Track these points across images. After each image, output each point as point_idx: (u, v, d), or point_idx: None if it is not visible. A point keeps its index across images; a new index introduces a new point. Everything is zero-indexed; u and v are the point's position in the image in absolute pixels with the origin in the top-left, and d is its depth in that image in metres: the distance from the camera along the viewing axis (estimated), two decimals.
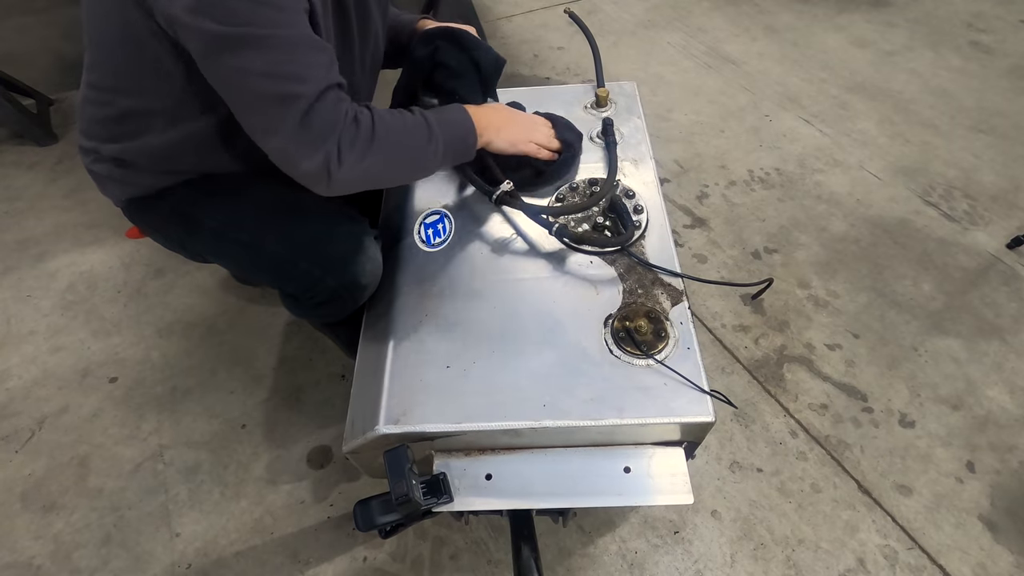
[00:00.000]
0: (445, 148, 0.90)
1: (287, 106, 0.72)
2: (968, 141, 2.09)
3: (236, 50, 0.69)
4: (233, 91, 0.74)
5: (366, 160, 0.80)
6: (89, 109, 0.92)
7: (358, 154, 0.79)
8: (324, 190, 0.81)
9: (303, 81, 0.72)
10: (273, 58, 0.70)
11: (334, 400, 1.41)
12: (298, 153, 0.76)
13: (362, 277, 1.00)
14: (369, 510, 0.81)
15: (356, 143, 0.78)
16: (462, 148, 0.95)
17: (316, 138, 0.75)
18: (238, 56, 0.69)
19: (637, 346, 0.88)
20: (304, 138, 0.74)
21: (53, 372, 1.48)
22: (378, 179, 0.86)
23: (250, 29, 0.68)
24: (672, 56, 2.53)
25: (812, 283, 1.65)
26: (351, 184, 0.82)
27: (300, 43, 0.72)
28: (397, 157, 0.85)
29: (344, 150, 0.77)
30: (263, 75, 0.71)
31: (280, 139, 0.75)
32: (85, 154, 0.98)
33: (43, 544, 1.21)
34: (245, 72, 0.70)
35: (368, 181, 0.84)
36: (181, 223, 1.02)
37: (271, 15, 0.69)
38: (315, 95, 0.73)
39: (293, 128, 0.73)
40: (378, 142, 0.81)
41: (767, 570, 1.15)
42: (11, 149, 2.11)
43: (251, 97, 0.73)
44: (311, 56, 0.74)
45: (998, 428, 1.35)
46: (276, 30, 0.70)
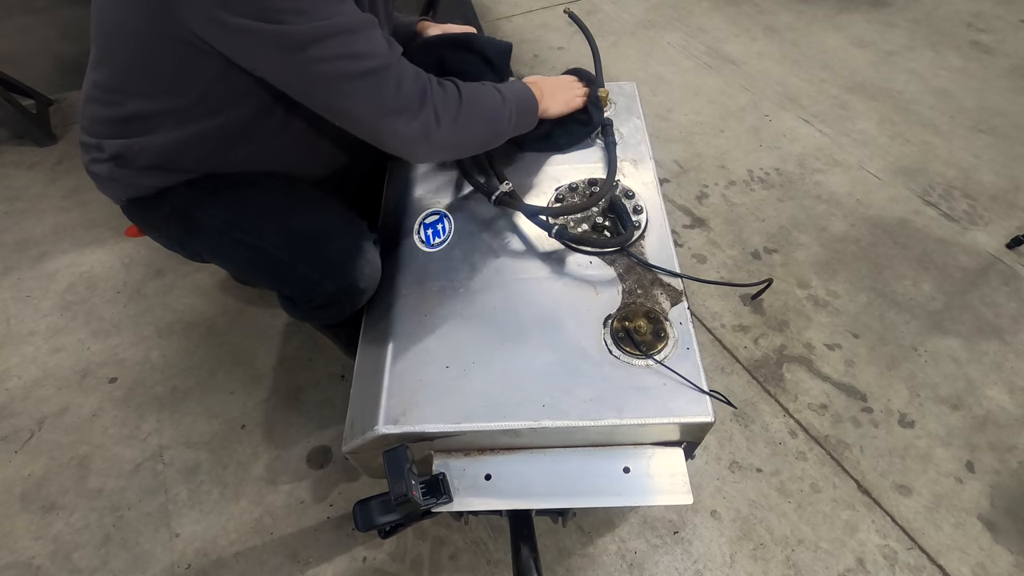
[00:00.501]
0: (517, 115, 0.96)
1: (377, 78, 0.77)
2: (968, 141, 2.09)
3: (311, 44, 0.72)
4: (320, 83, 0.77)
5: (458, 123, 0.85)
6: (93, 107, 0.92)
7: (451, 116, 0.83)
8: (421, 155, 0.87)
9: (379, 56, 0.77)
10: (346, 41, 0.74)
11: (334, 400, 1.41)
12: (399, 120, 0.80)
13: (360, 281, 1.00)
14: (369, 510, 0.81)
15: (449, 106, 0.83)
16: (528, 115, 1.01)
17: (413, 102, 0.80)
18: (316, 49, 0.72)
19: (636, 346, 0.88)
20: (402, 103, 0.79)
21: (53, 372, 1.49)
22: (467, 144, 0.92)
23: (319, 23, 0.71)
24: (672, 56, 2.53)
25: (812, 283, 1.65)
26: (445, 148, 0.88)
27: (363, 24, 0.76)
28: (483, 121, 0.91)
29: (441, 113, 0.82)
30: (345, 58, 0.74)
31: (377, 111, 0.79)
32: (86, 151, 0.97)
33: (43, 544, 1.21)
34: (325, 61, 0.73)
35: (459, 146, 0.91)
36: (181, 223, 1.02)
37: (332, 5, 0.72)
38: (395, 63, 0.78)
39: (390, 96, 0.77)
40: (467, 106, 0.86)
41: (767, 570, 1.15)
42: (11, 149, 2.11)
43: (340, 82, 0.76)
44: (376, 33, 0.78)
45: (998, 428, 1.35)
46: (340, 18, 0.73)
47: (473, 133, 0.91)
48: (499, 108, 0.93)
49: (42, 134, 2.11)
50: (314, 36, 0.72)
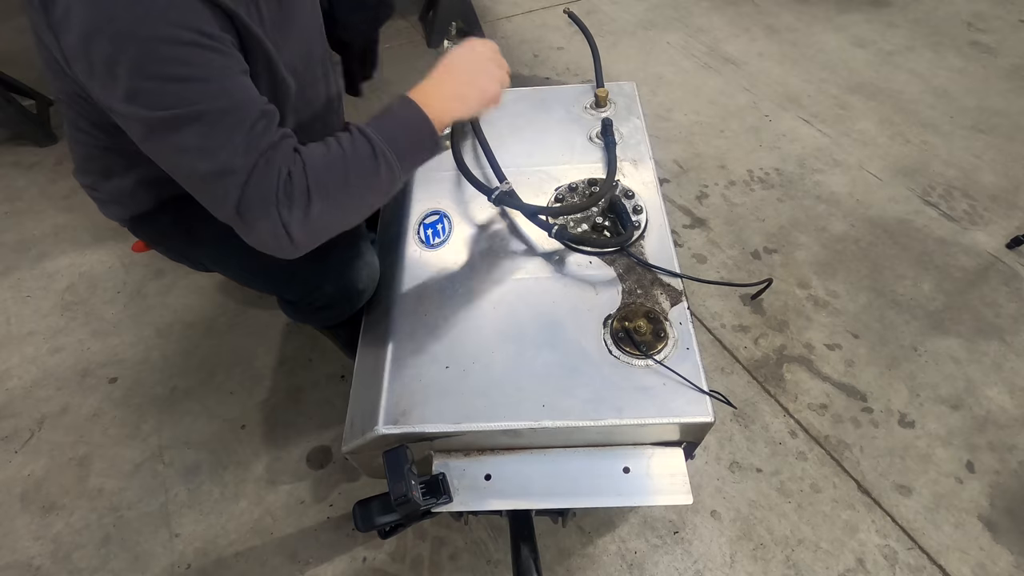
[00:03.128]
0: (401, 157, 0.79)
1: (223, 182, 0.70)
2: (968, 141, 2.09)
3: (170, 132, 0.68)
4: (175, 170, 0.73)
5: (312, 211, 0.73)
6: (77, 148, 0.94)
7: (300, 211, 0.72)
8: (290, 254, 0.76)
9: (237, 154, 0.69)
10: (204, 133, 0.68)
11: (334, 400, 1.41)
12: (246, 227, 0.73)
13: (359, 282, 1.00)
14: (368, 510, 0.81)
15: (294, 202, 0.72)
16: (423, 146, 0.83)
17: (257, 212, 0.71)
18: (173, 136, 0.68)
19: (636, 346, 0.88)
20: (247, 214, 0.72)
21: (53, 372, 1.49)
22: (341, 221, 0.78)
23: (179, 110, 0.66)
24: (672, 56, 2.53)
25: (812, 283, 1.65)
26: (314, 239, 0.76)
27: (231, 111, 0.69)
28: (347, 193, 0.76)
29: (284, 215, 0.72)
30: (198, 152, 0.69)
31: (226, 214, 0.73)
32: (83, 186, 1.00)
33: (43, 544, 1.21)
34: (182, 151, 0.69)
35: (330, 228, 0.78)
36: (182, 235, 1.03)
37: (198, 90, 0.67)
38: (250, 167, 0.70)
39: (234, 204, 0.71)
40: (316, 189, 0.73)
41: (767, 570, 1.15)
42: (11, 150, 2.11)
43: (191, 176, 0.72)
44: (244, 122, 0.70)
45: (998, 428, 1.35)
46: (204, 104, 0.67)
47: (341, 208, 0.77)
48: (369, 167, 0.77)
49: (42, 134, 2.12)
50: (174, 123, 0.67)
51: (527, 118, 1.28)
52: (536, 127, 1.26)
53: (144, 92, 0.66)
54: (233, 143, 0.69)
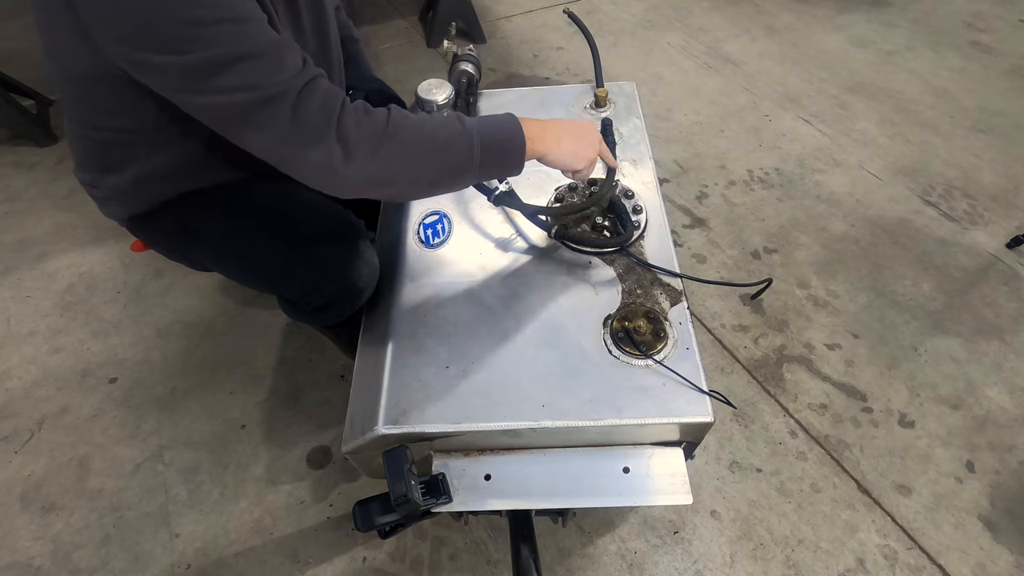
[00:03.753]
0: (483, 150, 0.78)
1: (273, 106, 0.69)
2: (968, 141, 2.09)
3: (210, 75, 0.67)
4: (219, 113, 0.71)
5: (378, 156, 0.71)
6: (77, 145, 0.94)
7: (369, 148, 0.71)
8: (338, 189, 0.74)
9: (280, 82, 0.69)
10: (246, 68, 0.67)
11: (334, 400, 1.41)
12: (297, 150, 0.71)
13: (359, 281, 1.00)
14: (368, 510, 0.81)
15: (364, 136, 0.71)
16: (505, 153, 0.82)
17: (312, 130, 0.70)
18: (214, 79, 0.67)
19: (636, 346, 0.88)
20: (299, 132, 0.70)
21: (53, 372, 1.49)
22: (402, 179, 0.76)
23: (218, 50, 0.66)
24: (672, 56, 2.53)
25: (812, 283, 1.65)
26: (363, 183, 0.74)
27: (269, 48, 0.69)
28: (422, 154, 0.74)
29: (353, 144, 0.70)
30: (241, 88, 0.68)
31: (275, 141, 0.71)
32: (82, 184, 1.00)
33: (43, 544, 1.21)
34: (222, 91, 0.68)
35: (388, 181, 0.75)
36: (181, 235, 1.03)
37: (233, 30, 0.66)
38: (298, 88, 0.69)
39: (285, 124, 0.69)
40: (395, 136, 0.72)
41: (767, 570, 1.15)
42: (11, 149, 2.11)
43: (237, 113, 0.70)
44: (284, 57, 0.70)
45: (998, 428, 1.35)
46: (242, 44, 0.67)
47: (406, 166, 0.75)
48: (451, 140, 0.77)
49: (42, 134, 2.12)
50: (214, 64, 0.66)
51: None
52: None
53: (178, 39, 0.65)
54: (275, 75, 0.68)
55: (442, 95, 1.16)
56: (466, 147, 0.78)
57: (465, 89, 1.23)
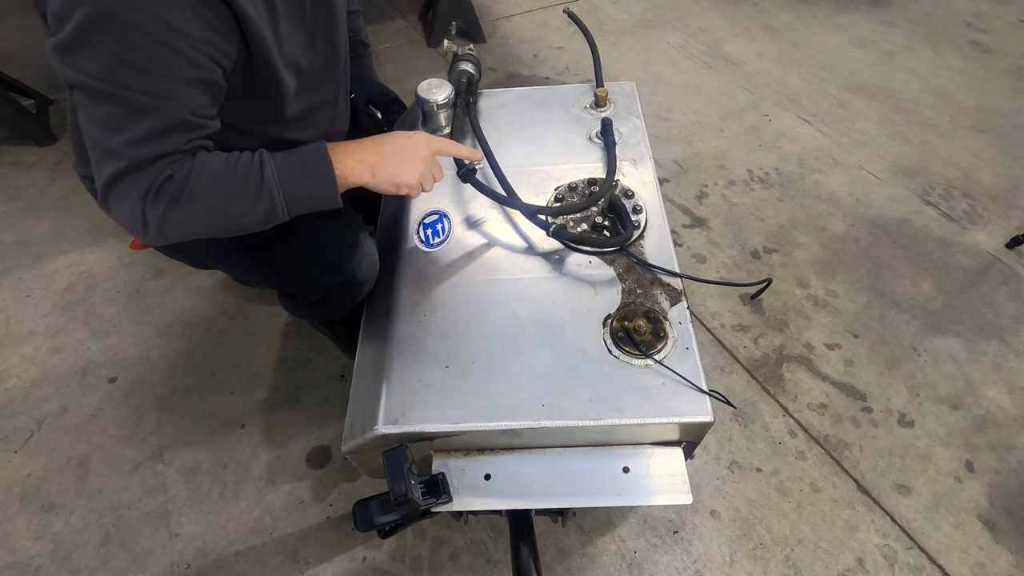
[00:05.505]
0: (290, 198, 0.81)
1: (108, 159, 0.72)
2: (968, 141, 2.09)
3: (88, 99, 0.70)
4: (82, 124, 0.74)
5: (173, 217, 0.75)
6: (77, 136, 0.93)
7: (161, 212, 0.75)
8: (146, 241, 0.79)
9: (134, 145, 0.71)
10: (115, 114, 0.70)
11: (333, 400, 1.41)
12: (107, 204, 0.76)
13: (359, 273, 1.01)
14: (368, 510, 0.81)
15: (160, 201, 0.74)
16: (319, 196, 0.84)
17: (122, 198, 0.74)
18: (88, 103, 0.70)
19: (636, 346, 0.88)
20: (113, 194, 0.74)
21: (52, 372, 1.48)
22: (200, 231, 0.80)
23: (104, 86, 0.68)
24: (672, 56, 2.53)
25: (811, 283, 1.65)
26: (167, 237, 0.78)
27: (150, 109, 0.71)
28: (218, 211, 0.78)
29: (148, 209, 0.74)
30: (100, 123, 0.71)
31: (97, 184, 0.75)
32: (82, 178, 1.00)
33: (42, 544, 1.21)
34: (89, 116, 0.72)
35: (187, 234, 0.79)
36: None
37: (131, 77, 0.69)
38: (138, 160, 0.72)
39: (105, 181, 0.73)
40: (187, 197, 0.75)
41: (766, 570, 1.15)
42: (10, 149, 2.11)
43: (87, 136, 0.73)
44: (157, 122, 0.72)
45: (997, 428, 1.35)
46: (129, 92, 0.69)
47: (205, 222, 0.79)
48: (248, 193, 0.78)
49: (42, 134, 2.11)
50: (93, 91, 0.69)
51: (527, 118, 1.28)
52: (536, 127, 1.26)
53: (79, 52, 0.67)
54: (133, 134, 0.71)
55: (442, 95, 1.16)
56: (268, 201, 0.80)
57: (465, 89, 1.23)
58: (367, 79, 1.23)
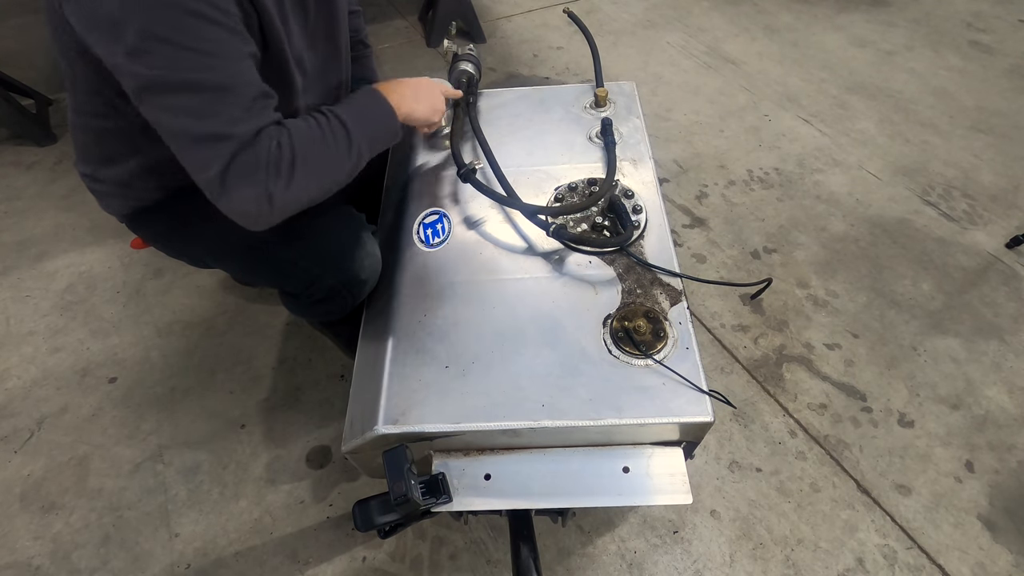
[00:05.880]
0: (371, 142, 0.89)
1: (215, 145, 0.73)
2: (968, 141, 2.09)
3: (167, 93, 0.70)
4: (166, 127, 0.74)
5: (294, 185, 0.78)
6: (79, 134, 0.94)
7: (284, 182, 0.77)
8: (264, 223, 0.80)
9: (233, 123, 0.72)
10: (203, 99, 0.71)
11: (333, 400, 1.41)
12: (227, 193, 0.75)
13: (361, 272, 1.01)
14: (368, 510, 0.81)
15: (280, 171, 0.76)
16: (386, 133, 0.93)
17: (244, 179, 0.74)
18: (170, 97, 0.71)
19: (636, 346, 0.88)
20: (231, 180, 0.74)
21: (52, 372, 1.48)
22: (314, 194, 0.83)
23: (181, 75, 0.69)
24: (672, 56, 2.53)
25: (811, 283, 1.65)
26: (290, 208, 0.80)
27: (230, 87, 0.72)
28: (324, 171, 0.82)
29: (271, 183, 0.76)
30: (194, 114, 0.71)
31: (209, 177, 0.75)
32: (83, 177, 1.01)
33: (42, 544, 1.21)
34: (176, 111, 0.71)
35: (305, 199, 0.82)
36: (181, 232, 1.03)
37: (202, 61, 0.70)
38: (245, 137, 0.73)
39: (220, 169, 0.73)
40: (300, 164, 0.78)
41: (766, 570, 1.15)
42: (10, 149, 2.11)
43: (181, 136, 0.74)
44: (242, 97, 0.73)
45: (997, 428, 1.35)
46: (205, 75, 0.70)
47: (318, 185, 0.82)
48: (343, 148, 0.84)
49: (42, 134, 2.11)
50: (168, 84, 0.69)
51: (527, 118, 1.29)
52: (536, 127, 1.26)
53: (148, 52, 0.68)
54: (230, 113, 0.72)
55: None
56: (357, 150, 0.86)
57: (465, 89, 1.23)
58: (368, 78, 1.24)
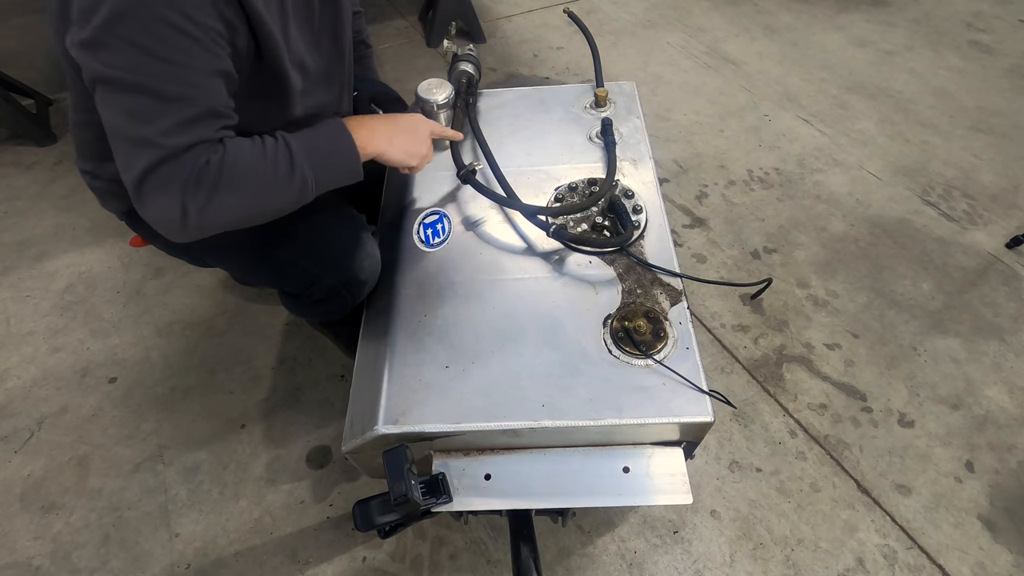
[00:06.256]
0: (318, 174, 0.83)
1: (142, 151, 0.71)
2: (968, 141, 2.09)
3: (117, 91, 0.69)
4: (104, 121, 0.73)
5: (214, 204, 0.75)
6: (79, 132, 0.94)
7: (204, 199, 0.74)
8: (177, 237, 0.77)
9: (166, 134, 0.71)
10: (143, 104, 0.70)
11: (333, 400, 1.41)
12: (143, 199, 0.74)
13: (361, 273, 1.01)
14: (368, 510, 0.81)
15: (200, 189, 0.73)
16: (343, 169, 0.87)
17: (160, 188, 0.72)
18: (115, 95, 0.70)
19: (636, 346, 0.88)
20: (148, 187, 0.72)
21: (52, 372, 1.48)
22: (238, 220, 0.80)
23: (136, 77, 0.68)
24: (672, 56, 2.53)
25: (811, 283, 1.65)
26: (206, 228, 0.77)
27: (179, 98, 0.71)
28: (253, 195, 0.79)
29: (187, 199, 0.73)
30: (129, 115, 0.70)
31: (129, 179, 0.73)
32: (83, 174, 1.00)
33: (42, 544, 1.21)
34: (116, 109, 0.71)
35: (226, 223, 0.79)
36: None
37: (157, 67, 0.69)
38: (173, 149, 0.71)
39: (139, 173, 0.72)
40: (226, 184, 0.75)
41: (766, 570, 1.15)
42: (10, 149, 2.11)
43: (114, 131, 0.73)
44: (186, 110, 0.72)
45: (997, 428, 1.35)
46: (156, 82, 0.69)
47: (244, 208, 0.79)
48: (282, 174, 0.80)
49: (42, 134, 2.11)
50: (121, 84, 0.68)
51: (527, 118, 1.29)
52: (536, 127, 1.26)
53: (106, 47, 0.67)
54: (167, 123, 0.71)
55: (442, 95, 1.16)
56: (300, 181, 0.81)
57: (465, 89, 1.23)
58: (369, 78, 1.24)
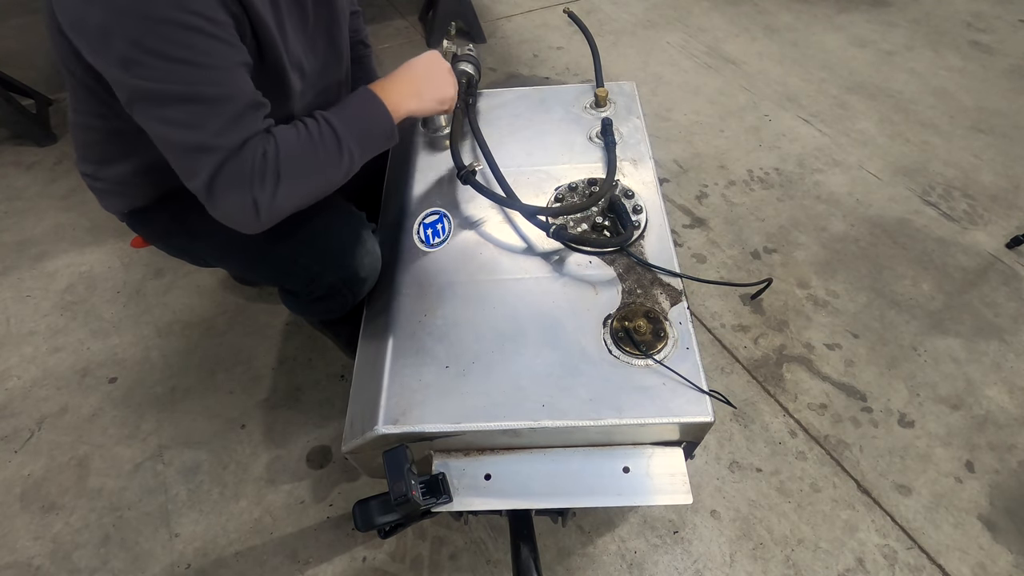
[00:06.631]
0: (361, 145, 0.88)
1: (202, 156, 0.74)
2: (968, 141, 2.09)
3: (158, 104, 0.72)
4: (155, 136, 0.76)
5: (280, 193, 0.79)
6: (79, 134, 0.94)
7: (270, 190, 0.78)
8: (253, 229, 0.82)
9: (219, 135, 0.74)
10: (191, 111, 0.72)
11: (333, 400, 1.41)
12: (214, 201, 0.78)
13: (361, 270, 1.01)
14: (368, 510, 0.81)
15: (265, 181, 0.78)
16: (381, 136, 0.91)
17: (230, 188, 0.76)
18: (159, 109, 0.72)
19: (636, 346, 0.88)
20: (218, 188, 0.76)
21: (52, 372, 1.48)
22: (302, 201, 0.84)
23: (171, 87, 0.70)
24: (672, 56, 2.53)
25: (811, 283, 1.65)
26: (277, 215, 0.82)
27: (221, 98, 0.74)
28: (311, 177, 0.83)
29: (256, 192, 0.77)
30: (181, 125, 0.73)
31: (196, 185, 0.77)
32: (83, 176, 1.00)
33: (42, 544, 1.21)
34: (165, 122, 0.73)
35: (292, 206, 0.83)
36: (182, 230, 1.03)
37: (194, 72, 0.71)
38: (231, 148, 0.74)
39: (207, 178, 0.75)
40: (286, 173, 0.79)
41: (766, 570, 1.15)
42: (10, 149, 2.11)
43: (169, 144, 0.76)
44: (231, 109, 0.75)
45: (997, 428, 1.35)
46: (197, 87, 0.71)
47: (305, 190, 0.84)
48: (333, 154, 0.85)
49: (42, 134, 2.11)
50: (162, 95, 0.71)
51: (527, 118, 1.29)
52: (536, 127, 1.26)
53: (139, 64, 0.69)
54: (217, 124, 0.74)
55: None
56: (348, 155, 0.86)
57: (465, 89, 1.23)
58: (368, 77, 1.24)
